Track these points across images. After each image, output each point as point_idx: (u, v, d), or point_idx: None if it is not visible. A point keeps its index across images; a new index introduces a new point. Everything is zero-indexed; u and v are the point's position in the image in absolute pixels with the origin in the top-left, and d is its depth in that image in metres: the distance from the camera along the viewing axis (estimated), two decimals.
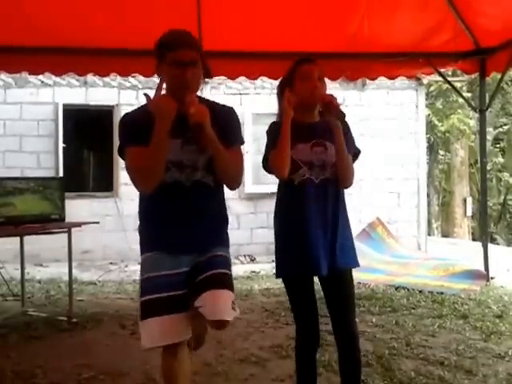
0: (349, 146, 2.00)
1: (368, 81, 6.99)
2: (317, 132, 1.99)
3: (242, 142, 1.90)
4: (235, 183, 1.88)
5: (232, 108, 1.93)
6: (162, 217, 1.81)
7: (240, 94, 7.29)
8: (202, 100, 1.84)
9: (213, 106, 1.82)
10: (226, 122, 1.84)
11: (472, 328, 3.58)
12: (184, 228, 1.80)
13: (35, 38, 4.30)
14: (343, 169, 1.97)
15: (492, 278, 5.19)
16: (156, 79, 7.03)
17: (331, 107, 1.91)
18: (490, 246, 5.56)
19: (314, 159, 1.96)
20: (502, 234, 15.88)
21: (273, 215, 2.11)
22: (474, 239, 12.35)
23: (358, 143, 2.13)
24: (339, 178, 1.99)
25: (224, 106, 1.92)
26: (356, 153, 2.08)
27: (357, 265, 2.04)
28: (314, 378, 2.06)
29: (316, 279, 2.03)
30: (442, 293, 4.66)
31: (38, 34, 4.25)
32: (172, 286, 1.76)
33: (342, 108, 1.90)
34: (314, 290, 2.01)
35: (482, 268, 5.23)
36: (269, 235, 8.33)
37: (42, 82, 7.12)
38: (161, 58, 1.78)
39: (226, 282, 1.82)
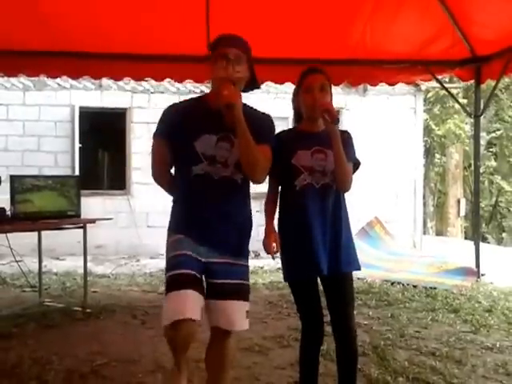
0: (349, 155, 1.97)
1: (369, 86, 6.98)
2: (318, 140, 1.98)
3: (272, 143, 1.87)
4: (258, 176, 1.83)
5: (268, 115, 1.95)
6: (193, 203, 1.82)
7: (246, 96, 7.29)
8: (244, 105, 1.81)
9: (250, 111, 1.86)
10: (258, 123, 1.84)
11: (463, 321, 3.60)
12: (212, 223, 1.81)
13: (53, 43, 4.33)
14: (340, 173, 1.93)
15: (482, 275, 5.19)
16: (166, 84, 7.02)
17: (328, 113, 1.89)
18: (482, 245, 5.54)
19: (315, 165, 1.95)
20: (493, 234, 15.84)
21: (276, 213, 2.12)
22: (466, 238, 12.31)
23: (359, 146, 2.13)
24: (336, 183, 1.96)
25: (263, 112, 1.94)
26: (356, 163, 2.04)
27: (358, 268, 2.02)
28: (316, 373, 2.04)
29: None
30: (435, 288, 4.67)
31: (56, 40, 4.28)
32: (191, 265, 1.75)
33: (341, 112, 1.90)
34: (318, 290, 2.00)
35: (473, 265, 5.23)
36: None
37: (60, 85, 7.16)
38: (211, 55, 1.82)
39: (245, 292, 1.85)
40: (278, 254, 2.04)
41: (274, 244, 1.97)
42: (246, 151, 1.76)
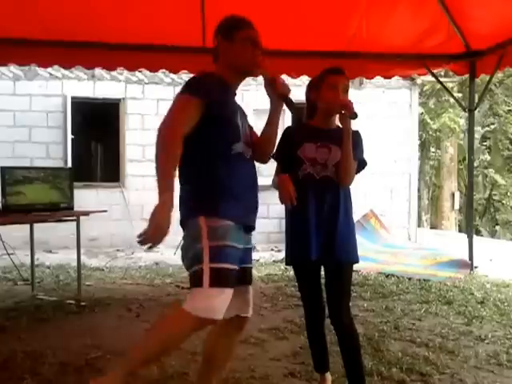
0: (355, 153, 2.04)
1: (365, 80, 6.98)
2: (328, 137, 2.05)
3: None
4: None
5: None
6: (237, 183, 1.77)
7: (242, 90, 7.28)
8: None
9: None
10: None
11: (456, 313, 3.64)
12: (253, 208, 1.84)
13: (45, 32, 4.27)
14: (345, 168, 2.00)
15: (475, 267, 5.26)
16: (161, 75, 6.94)
17: (346, 108, 1.97)
18: (475, 238, 5.61)
19: (318, 157, 2.03)
20: (486, 227, 15.99)
21: (273, 206, 2.16)
22: (460, 231, 12.41)
23: None
24: (338, 177, 2.02)
25: None
26: (361, 162, 2.11)
27: (355, 259, 2.06)
28: (325, 347, 2.14)
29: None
30: (429, 280, 4.71)
31: (48, 28, 4.23)
32: (237, 260, 1.73)
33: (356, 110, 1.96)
34: (316, 274, 2.09)
35: (466, 258, 5.29)
36: (269, 225, 8.37)
37: (51, 74, 7.07)
38: (229, 36, 1.83)
39: None
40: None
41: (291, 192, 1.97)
42: (274, 139, 1.94)
